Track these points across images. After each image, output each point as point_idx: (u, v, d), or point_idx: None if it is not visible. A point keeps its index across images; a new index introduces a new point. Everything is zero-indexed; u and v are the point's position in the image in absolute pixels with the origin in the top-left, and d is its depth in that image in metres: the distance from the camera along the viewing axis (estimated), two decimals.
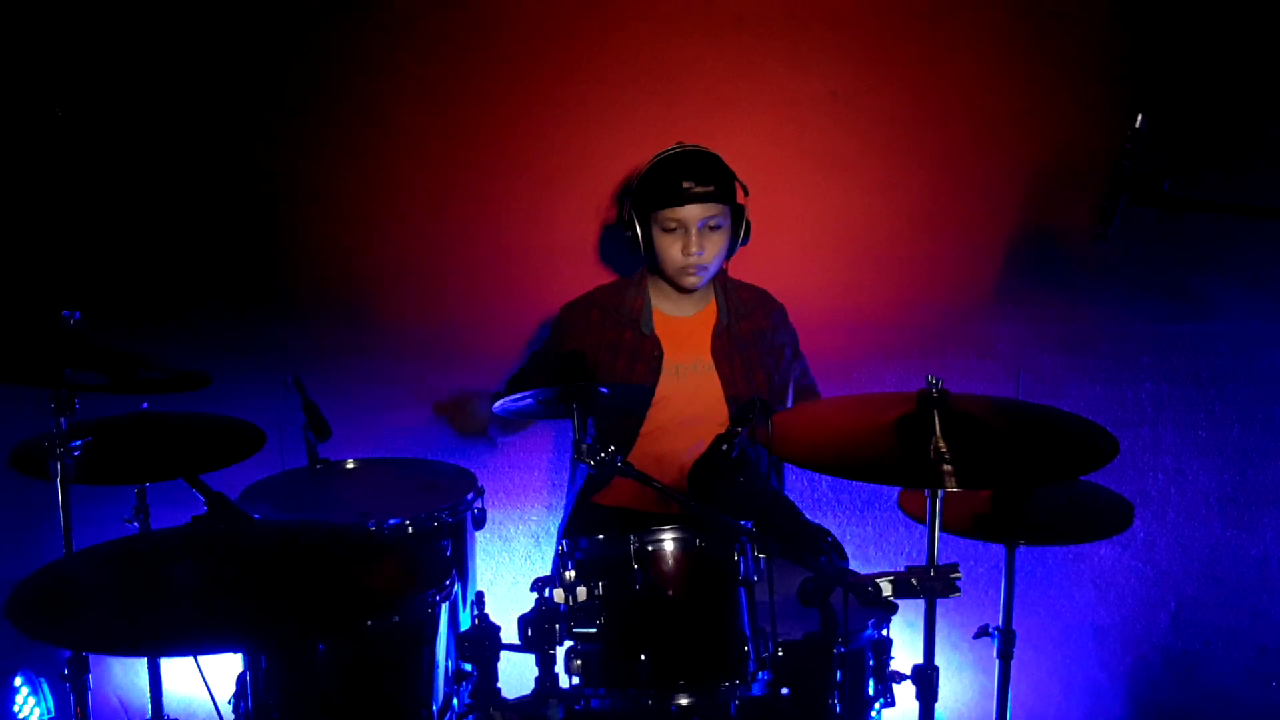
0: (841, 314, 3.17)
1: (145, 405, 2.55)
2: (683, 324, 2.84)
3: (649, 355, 2.79)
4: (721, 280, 2.86)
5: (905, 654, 2.29)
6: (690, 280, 2.73)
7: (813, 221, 3.16)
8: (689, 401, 2.80)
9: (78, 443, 2.31)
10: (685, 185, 2.65)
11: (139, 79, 3.07)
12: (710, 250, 2.70)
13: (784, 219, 3.06)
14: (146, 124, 3.10)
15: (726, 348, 2.81)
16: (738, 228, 2.74)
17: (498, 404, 2.34)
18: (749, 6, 3.08)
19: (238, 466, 2.52)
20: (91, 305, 2.33)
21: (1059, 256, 3.14)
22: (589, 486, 2.83)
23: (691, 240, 2.68)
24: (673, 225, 2.69)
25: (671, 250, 2.71)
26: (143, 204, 3.14)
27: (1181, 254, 3.10)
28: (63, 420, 2.26)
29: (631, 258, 2.84)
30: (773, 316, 2.90)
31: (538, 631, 2.11)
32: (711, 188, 2.66)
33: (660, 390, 2.79)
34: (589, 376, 2.20)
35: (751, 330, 2.85)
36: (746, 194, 2.74)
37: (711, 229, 2.69)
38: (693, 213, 2.67)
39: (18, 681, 3.06)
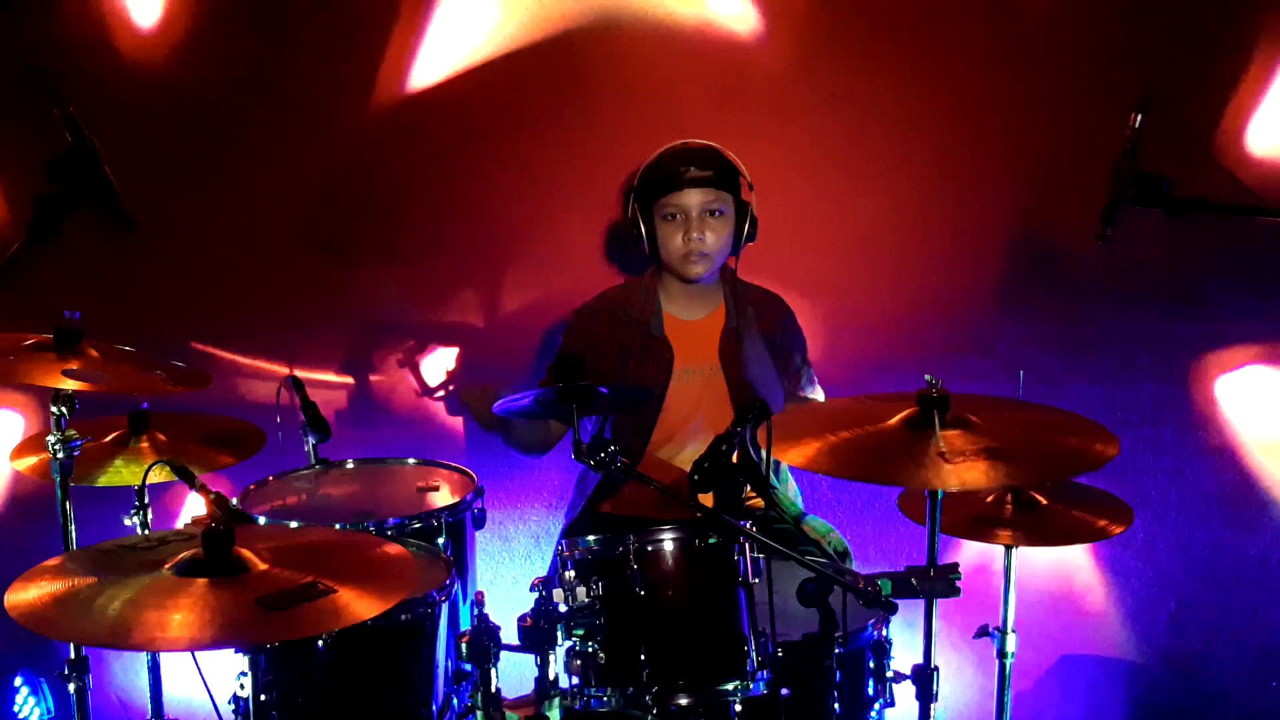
0: (842, 314, 3.17)
1: (145, 405, 2.55)
2: (693, 327, 2.83)
3: (659, 357, 2.79)
4: (731, 281, 2.85)
5: (905, 654, 2.29)
6: (693, 269, 2.73)
7: (813, 221, 3.16)
8: (697, 406, 2.79)
9: (78, 442, 2.31)
10: (683, 170, 2.66)
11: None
12: (712, 238, 2.70)
13: (784, 219, 3.06)
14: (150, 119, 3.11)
15: (736, 351, 2.81)
16: (742, 221, 2.74)
17: (497, 405, 2.34)
18: (749, 6, 3.08)
19: (238, 466, 2.52)
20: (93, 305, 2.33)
21: (1060, 256, 3.14)
22: (600, 490, 2.83)
23: (692, 226, 2.68)
24: (673, 213, 2.69)
25: (673, 238, 2.71)
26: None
27: (1182, 253, 3.10)
28: (63, 420, 2.27)
29: (640, 259, 2.84)
30: (782, 321, 2.89)
31: (538, 631, 2.11)
32: (710, 173, 2.67)
33: (669, 394, 2.78)
34: (588, 377, 2.20)
35: (760, 333, 2.84)
36: (752, 188, 2.73)
37: (712, 215, 2.69)
38: (692, 198, 2.67)
39: (18, 681, 3.06)
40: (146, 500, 2.58)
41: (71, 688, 2.38)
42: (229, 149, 3.12)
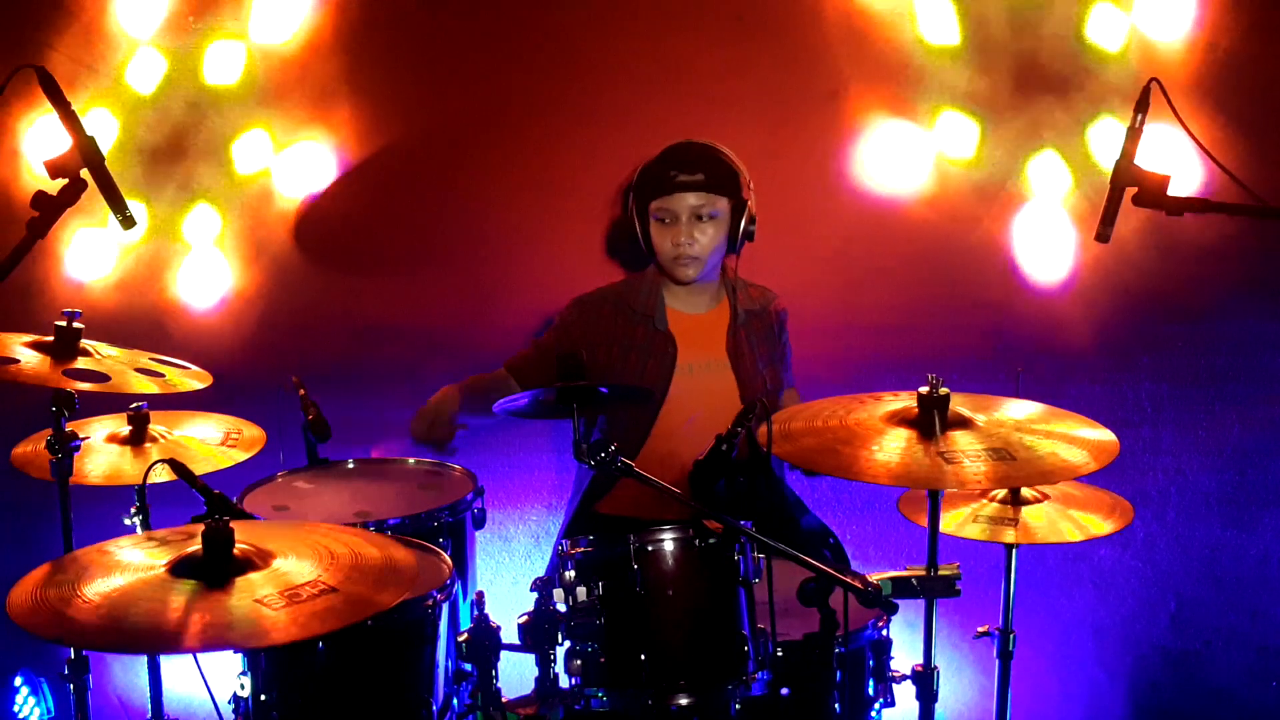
0: (842, 313, 3.16)
1: (145, 405, 2.55)
2: (697, 321, 2.83)
3: (662, 353, 2.78)
4: (731, 278, 2.85)
5: (905, 654, 2.29)
6: (681, 272, 2.73)
7: (812, 221, 3.16)
8: (701, 401, 2.78)
9: (77, 443, 2.31)
10: (673, 174, 2.66)
11: None
12: (703, 241, 2.69)
13: (784, 219, 3.06)
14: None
15: (741, 345, 2.81)
16: (738, 221, 2.73)
17: (497, 405, 2.34)
18: (748, 6, 3.08)
19: (238, 466, 2.52)
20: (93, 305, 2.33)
21: (1060, 254, 3.14)
22: (593, 489, 2.82)
23: (681, 230, 2.68)
24: (664, 216, 2.69)
25: (664, 241, 2.71)
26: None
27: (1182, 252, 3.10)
28: (63, 420, 2.26)
29: (638, 255, 2.84)
30: (780, 315, 2.91)
31: (538, 631, 2.11)
32: (700, 176, 2.66)
33: (672, 390, 2.77)
34: (588, 377, 2.20)
35: (763, 327, 2.85)
36: (751, 188, 2.73)
37: (702, 219, 2.69)
38: (682, 202, 2.67)
39: (18, 681, 3.06)
40: (146, 500, 2.58)
41: (72, 688, 2.38)
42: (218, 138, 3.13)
